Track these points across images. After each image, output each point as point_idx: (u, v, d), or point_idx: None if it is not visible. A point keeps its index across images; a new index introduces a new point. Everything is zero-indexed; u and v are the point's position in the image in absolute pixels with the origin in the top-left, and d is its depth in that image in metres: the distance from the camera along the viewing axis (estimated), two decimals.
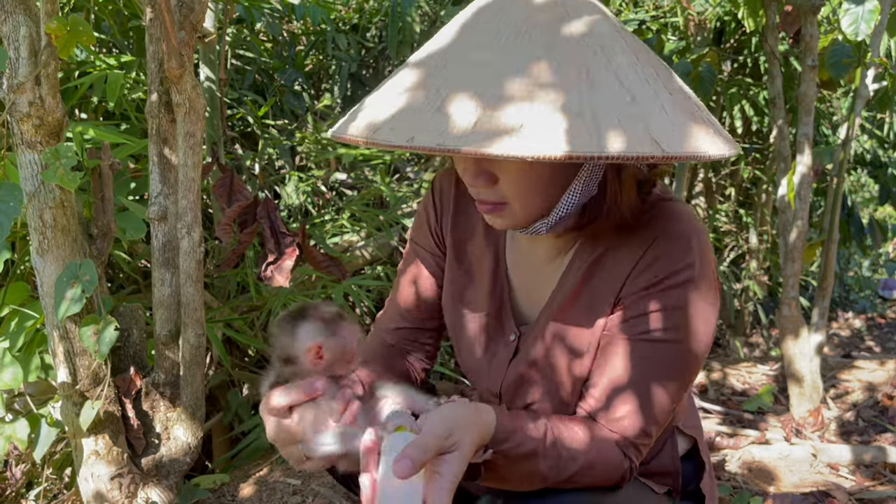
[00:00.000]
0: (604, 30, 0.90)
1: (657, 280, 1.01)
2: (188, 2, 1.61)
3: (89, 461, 1.68)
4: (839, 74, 2.65)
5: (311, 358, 0.93)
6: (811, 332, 2.73)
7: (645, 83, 0.87)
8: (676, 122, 0.85)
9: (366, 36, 3.91)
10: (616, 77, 0.86)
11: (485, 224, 1.19)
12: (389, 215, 3.13)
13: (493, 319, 1.18)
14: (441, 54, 0.92)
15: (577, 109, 0.81)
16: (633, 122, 0.82)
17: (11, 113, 1.46)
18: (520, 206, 1.00)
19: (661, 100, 0.87)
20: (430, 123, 0.82)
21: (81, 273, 1.52)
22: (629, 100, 0.84)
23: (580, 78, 0.84)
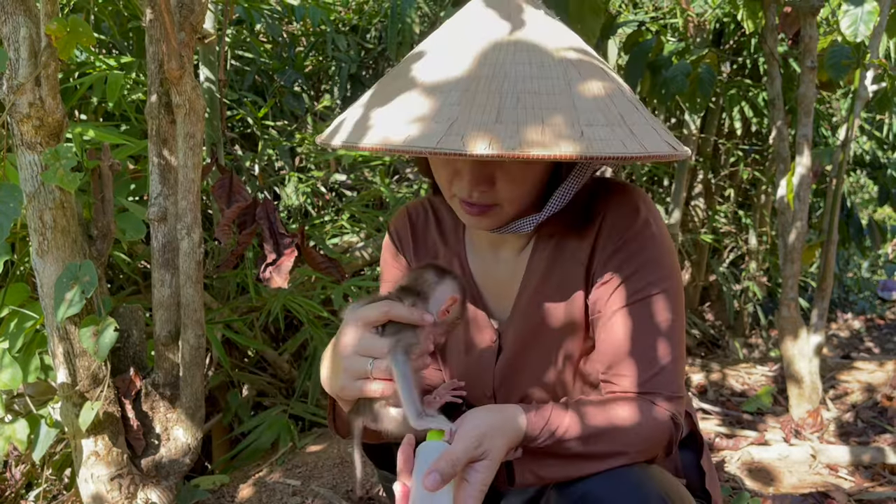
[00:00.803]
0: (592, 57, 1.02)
1: (622, 242, 1.07)
2: (188, 3, 1.61)
3: (89, 462, 1.68)
4: (838, 76, 2.65)
5: (444, 306, 0.98)
6: (810, 333, 2.74)
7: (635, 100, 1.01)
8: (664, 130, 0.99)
9: (365, 37, 3.91)
10: (622, 92, 0.98)
11: (444, 242, 1.24)
12: (389, 216, 3.13)
13: (473, 327, 1.21)
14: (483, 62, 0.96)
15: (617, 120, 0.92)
16: (656, 128, 0.96)
17: (11, 114, 1.46)
18: (510, 207, 1.05)
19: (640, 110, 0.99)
20: (497, 133, 0.87)
21: (81, 274, 1.52)
22: (641, 110, 0.97)
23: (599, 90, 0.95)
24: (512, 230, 1.10)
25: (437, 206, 1.28)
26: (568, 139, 0.86)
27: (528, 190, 1.05)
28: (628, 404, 1.02)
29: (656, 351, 1.04)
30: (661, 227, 1.09)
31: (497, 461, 0.90)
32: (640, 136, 0.92)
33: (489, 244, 1.19)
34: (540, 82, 0.92)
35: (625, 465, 0.98)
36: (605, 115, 0.92)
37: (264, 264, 1.90)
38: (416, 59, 1.01)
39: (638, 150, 0.89)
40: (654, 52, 3.06)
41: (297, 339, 2.71)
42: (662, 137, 0.96)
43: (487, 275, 1.21)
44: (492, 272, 1.20)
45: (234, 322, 2.47)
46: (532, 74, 0.93)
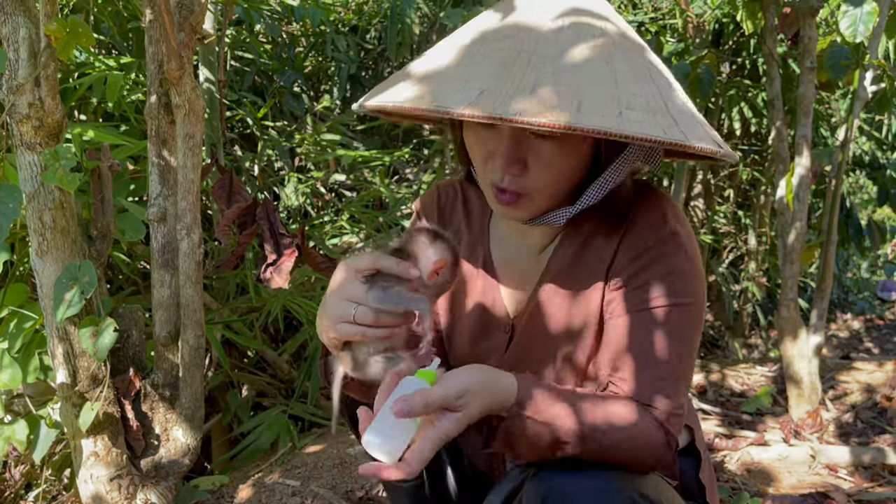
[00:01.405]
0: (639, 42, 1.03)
1: (644, 248, 1.05)
2: (188, 3, 1.61)
3: (88, 462, 1.68)
4: (838, 76, 2.65)
5: (432, 268, 0.98)
6: (810, 334, 2.74)
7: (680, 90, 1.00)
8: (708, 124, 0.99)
9: (365, 38, 3.92)
10: (670, 83, 0.98)
11: (468, 227, 1.23)
12: (388, 217, 3.13)
13: (488, 315, 1.20)
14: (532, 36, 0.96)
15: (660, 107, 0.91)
16: (703, 123, 0.96)
17: (11, 114, 1.46)
18: (542, 198, 1.04)
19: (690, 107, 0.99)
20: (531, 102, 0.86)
21: (81, 274, 1.52)
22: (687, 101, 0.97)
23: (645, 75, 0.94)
24: (544, 222, 1.09)
25: (467, 189, 1.26)
26: (603, 117, 0.86)
27: (561, 180, 1.03)
28: (626, 405, 1.00)
29: (661, 362, 1.02)
30: (690, 240, 1.07)
31: (470, 417, 0.89)
32: (684, 126, 0.90)
33: (515, 235, 1.18)
34: (584, 63, 0.91)
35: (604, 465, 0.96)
36: (647, 100, 0.90)
37: (265, 265, 1.90)
38: (464, 31, 1.02)
39: (679, 138, 0.87)
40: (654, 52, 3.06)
41: (296, 340, 2.71)
42: (709, 133, 0.94)
43: (508, 265, 1.20)
44: (513, 263, 1.19)
45: (234, 322, 2.47)
46: (574, 53, 0.92)
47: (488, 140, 1.03)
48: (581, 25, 0.96)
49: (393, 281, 0.96)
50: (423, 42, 3.56)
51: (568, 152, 1.01)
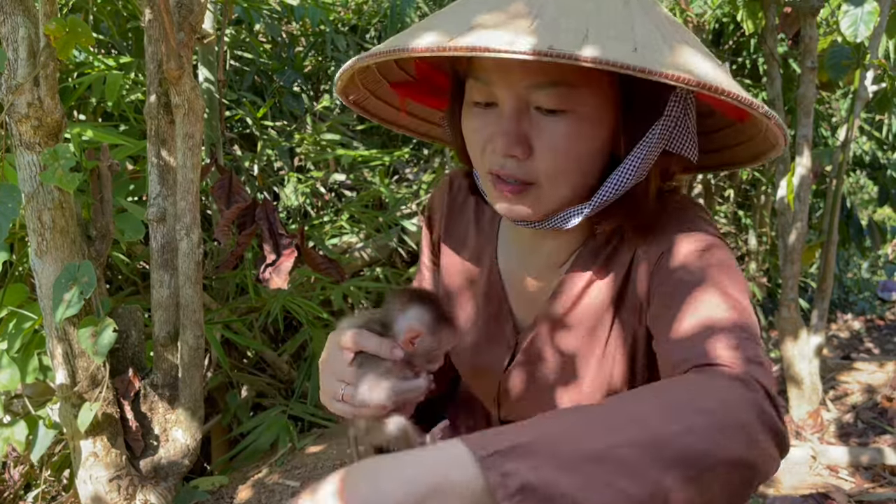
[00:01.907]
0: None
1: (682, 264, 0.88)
2: (187, 3, 1.61)
3: (88, 463, 1.67)
4: (838, 76, 2.65)
5: (406, 339, 0.94)
6: (810, 334, 2.73)
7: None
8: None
9: (365, 37, 3.91)
10: (665, 17, 0.86)
11: (477, 227, 1.13)
12: (388, 217, 3.13)
13: (491, 325, 1.11)
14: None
15: (683, 47, 0.79)
16: (719, 69, 0.82)
17: (10, 114, 1.46)
18: (550, 188, 0.89)
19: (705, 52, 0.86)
20: (532, 35, 0.74)
21: (80, 274, 1.52)
22: (685, 40, 0.83)
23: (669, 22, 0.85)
24: (553, 224, 0.93)
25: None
26: (617, 52, 0.72)
27: (571, 168, 0.88)
28: (683, 378, 0.73)
29: (708, 320, 0.81)
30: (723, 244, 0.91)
31: None
32: (710, 72, 0.76)
33: (526, 245, 1.05)
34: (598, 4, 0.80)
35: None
36: (665, 38, 0.78)
37: (264, 265, 1.89)
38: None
39: (714, 79, 0.73)
40: None
41: (296, 340, 2.70)
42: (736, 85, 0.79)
43: (516, 278, 1.08)
44: (522, 277, 1.07)
45: (234, 323, 2.46)
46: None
47: (487, 122, 0.89)
48: None
49: (380, 362, 0.92)
50: None
51: (580, 134, 0.86)
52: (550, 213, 0.92)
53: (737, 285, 0.85)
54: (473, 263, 1.13)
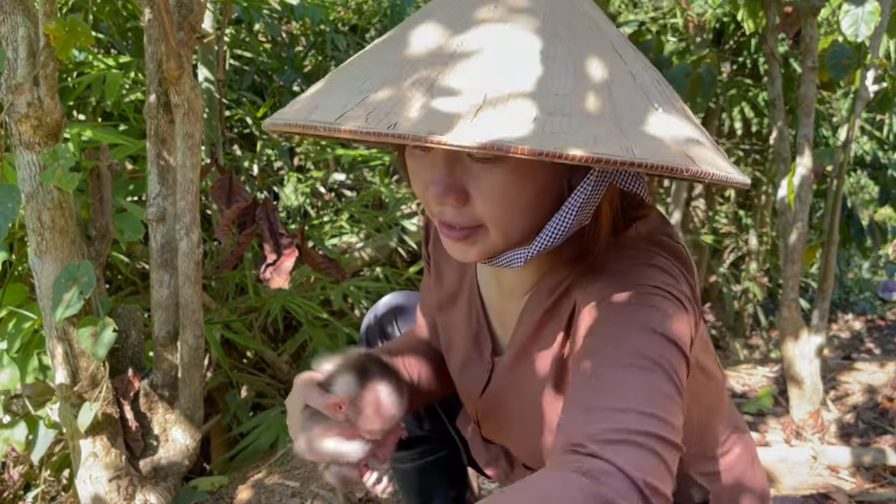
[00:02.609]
0: (608, 25, 0.80)
1: (606, 303, 0.82)
2: (187, 2, 1.61)
3: (87, 463, 1.67)
4: (839, 76, 2.65)
5: (331, 406, 0.94)
6: (811, 334, 2.73)
7: (659, 92, 0.76)
8: (696, 139, 0.73)
9: (365, 37, 3.91)
10: (633, 79, 0.74)
11: None
12: (388, 216, 3.13)
13: (472, 346, 1.10)
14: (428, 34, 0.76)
15: (597, 108, 0.69)
16: (660, 130, 0.71)
17: (10, 114, 1.45)
18: (496, 232, 0.83)
19: (678, 111, 0.76)
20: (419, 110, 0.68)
21: (79, 274, 1.52)
22: (655, 107, 0.72)
23: (591, 72, 0.72)
24: (502, 263, 0.87)
25: None
26: (506, 126, 0.64)
27: (515, 213, 0.82)
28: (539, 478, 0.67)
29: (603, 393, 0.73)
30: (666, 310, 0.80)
31: None
32: (634, 138, 0.67)
33: (491, 274, 1.03)
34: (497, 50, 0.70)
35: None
36: (580, 103, 0.68)
37: (264, 265, 1.89)
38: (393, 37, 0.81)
39: (608, 153, 0.64)
40: (655, 52, 3.06)
41: (296, 340, 2.70)
42: (674, 141, 0.70)
43: (492, 301, 1.06)
44: (496, 301, 1.06)
45: (233, 322, 2.46)
46: (497, 46, 0.71)
47: (423, 167, 0.83)
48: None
49: (325, 417, 0.95)
50: None
51: (516, 180, 0.79)
52: (500, 253, 0.87)
53: (654, 346, 0.76)
54: (458, 283, 1.12)
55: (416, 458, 1.17)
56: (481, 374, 1.06)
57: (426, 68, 0.70)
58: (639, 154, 0.65)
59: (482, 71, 0.70)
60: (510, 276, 0.97)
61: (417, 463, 1.24)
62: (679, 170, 0.67)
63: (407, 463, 1.25)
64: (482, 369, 1.06)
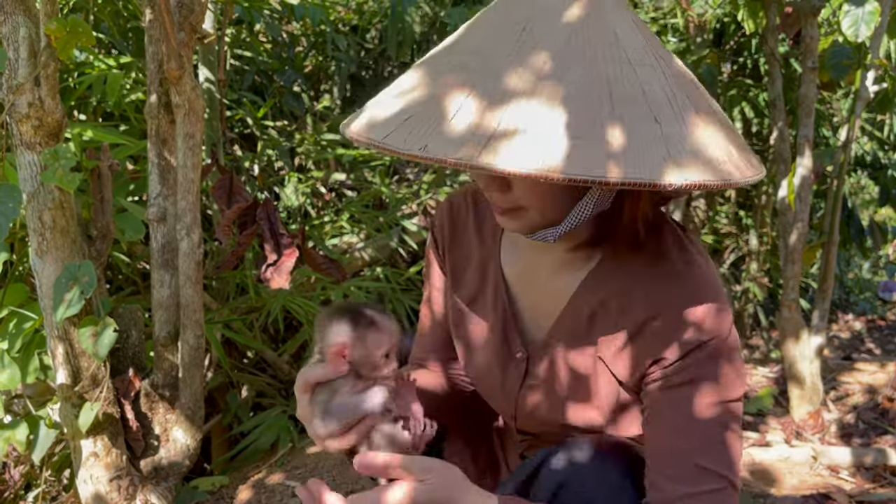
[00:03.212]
0: (631, 35, 0.86)
1: (689, 347, 0.97)
2: (188, 3, 1.61)
3: (88, 463, 1.67)
4: (839, 76, 2.65)
5: (334, 355, 0.94)
6: (811, 335, 2.73)
7: (669, 103, 0.83)
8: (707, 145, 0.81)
9: (365, 37, 3.91)
10: (643, 92, 0.82)
11: (480, 242, 1.16)
12: (389, 217, 3.13)
13: (499, 340, 1.13)
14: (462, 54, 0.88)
15: (602, 130, 0.78)
16: (655, 146, 0.78)
17: (11, 114, 1.45)
18: (537, 213, 0.96)
19: (686, 118, 0.83)
20: (442, 132, 0.79)
21: (80, 274, 1.52)
22: (653, 120, 0.80)
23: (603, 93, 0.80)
24: (538, 238, 1.00)
25: (480, 201, 1.18)
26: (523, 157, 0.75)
27: (551, 199, 0.94)
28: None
29: (708, 465, 0.94)
30: (733, 331, 0.99)
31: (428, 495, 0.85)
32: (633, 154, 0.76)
33: (532, 255, 1.10)
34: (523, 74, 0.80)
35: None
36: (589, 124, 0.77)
37: (265, 265, 1.89)
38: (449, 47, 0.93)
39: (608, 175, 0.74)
40: None
41: (296, 340, 2.70)
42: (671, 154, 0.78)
43: (525, 288, 1.12)
44: (530, 279, 1.11)
45: (234, 322, 2.46)
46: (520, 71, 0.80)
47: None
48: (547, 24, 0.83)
49: (333, 390, 0.94)
50: (424, 41, 3.55)
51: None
52: (537, 228, 0.99)
53: (736, 414, 0.97)
54: (480, 277, 1.16)
55: None
56: (515, 370, 1.12)
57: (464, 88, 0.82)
58: (630, 174, 0.75)
59: (503, 94, 0.79)
60: (554, 256, 1.07)
61: None
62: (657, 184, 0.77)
63: None
64: (514, 364, 1.12)
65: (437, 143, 0.78)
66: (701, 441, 0.95)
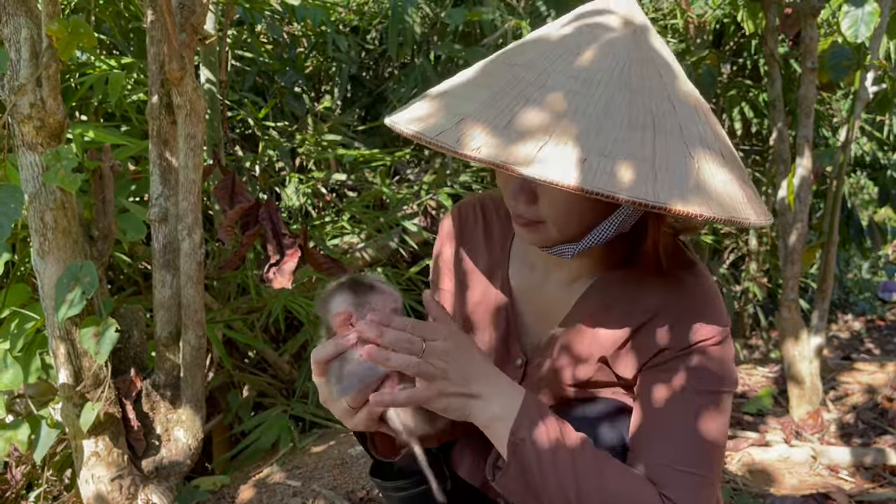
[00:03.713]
0: (672, 79, 0.93)
1: (690, 350, 1.01)
2: (189, 4, 1.62)
3: (89, 463, 1.68)
4: (839, 77, 2.65)
5: (341, 324, 0.95)
6: (811, 335, 2.74)
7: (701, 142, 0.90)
8: (727, 186, 0.88)
9: (366, 38, 3.91)
10: (680, 129, 0.88)
11: (488, 249, 1.19)
12: (389, 217, 3.13)
13: (500, 345, 1.17)
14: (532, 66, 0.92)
15: (641, 154, 0.84)
16: (688, 177, 0.85)
17: (12, 114, 1.46)
18: (556, 228, 0.99)
19: (714, 159, 0.89)
20: (497, 138, 0.84)
21: (82, 275, 1.52)
22: (688, 154, 0.87)
23: (647, 122, 0.87)
24: (555, 253, 1.04)
25: (488, 209, 1.22)
26: (566, 168, 0.80)
27: (574, 216, 0.97)
28: (638, 479, 0.96)
29: (690, 450, 0.98)
30: (729, 339, 1.04)
31: (442, 388, 0.91)
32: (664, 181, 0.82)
33: (542, 262, 1.14)
34: (581, 99, 0.86)
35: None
36: (629, 147, 0.83)
37: (267, 265, 1.90)
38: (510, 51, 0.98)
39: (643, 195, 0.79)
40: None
41: (297, 340, 2.71)
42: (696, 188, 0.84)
43: (530, 293, 1.15)
44: (537, 291, 1.14)
45: (235, 322, 2.47)
46: (573, 89, 0.87)
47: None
48: (603, 46, 0.90)
49: (345, 360, 0.94)
50: (425, 42, 3.56)
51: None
52: (555, 244, 1.02)
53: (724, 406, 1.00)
54: (485, 285, 1.19)
55: (409, 486, 1.18)
56: (513, 373, 1.14)
57: (512, 101, 0.87)
58: (663, 198, 0.81)
59: (554, 112, 0.85)
60: (565, 267, 1.11)
61: (412, 491, 1.25)
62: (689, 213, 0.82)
63: (401, 492, 1.26)
64: (512, 367, 1.15)
65: (490, 147, 0.83)
66: (682, 437, 0.98)
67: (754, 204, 0.91)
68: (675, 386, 1.01)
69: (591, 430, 1.03)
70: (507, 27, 3.04)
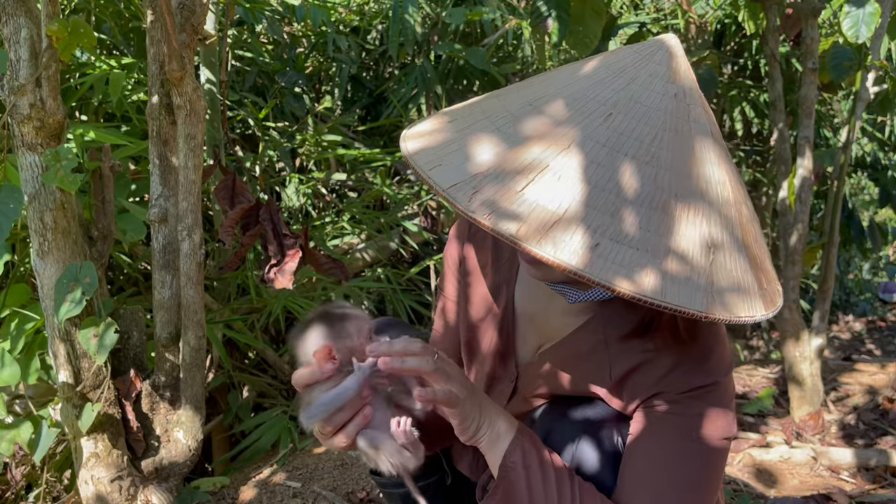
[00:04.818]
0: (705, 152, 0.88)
1: (683, 396, 1.00)
2: (189, 4, 1.61)
3: (89, 463, 1.68)
4: (840, 77, 2.65)
5: (323, 360, 0.95)
6: (811, 335, 2.73)
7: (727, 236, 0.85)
8: (741, 287, 0.84)
9: (366, 38, 3.91)
10: (707, 224, 0.84)
11: (496, 265, 1.19)
12: (390, 217, 3.13)
13: (498, 360, 1.19)
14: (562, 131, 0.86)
15: (654, 247, 0.80)
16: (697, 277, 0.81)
17: (12, 115, 1.46)
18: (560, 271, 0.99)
19: (735, 257, 0.85)
20: (505, 202, 0.81)
21: (82, 275, 1.52)
22: (706, 252, 0.83)
23: (668, 203, 0.82)
24: (558, 291, 1.04)
25: None
26: (569, 248, 0.78)
27: None
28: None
29: (670, 501, 0.98)
30: (731, 382, 1.02)
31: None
32: (672, 280, 0.78)
33: (547, 294, 1.13)
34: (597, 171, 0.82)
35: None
36: (628, 229, 0.80)
37: (268, 265, 1.90)
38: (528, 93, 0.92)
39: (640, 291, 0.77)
40: None
41: None
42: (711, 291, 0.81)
43: (532, 313, 1.16)
44: (539, 312, 1.15)
45: (235, 322, 2.47)
46: (597, 160, 0.82)
47: None
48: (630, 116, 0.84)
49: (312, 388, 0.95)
50: (425, 42, 3.56)
51: None
52: (561, 282, 1.01)
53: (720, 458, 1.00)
54: (491, 298, 1.20)
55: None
56: (506, 386, 1.19)
57: (528, 172, 0.82)
58: (668, 298, 0.78)
59: (572, 185, 0.81)
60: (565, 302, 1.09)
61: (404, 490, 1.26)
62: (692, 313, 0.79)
63: (400, 488, 1.27)
64: (507, 381, 1.18)
65: (499, 215, 0.79)
66: (676, 476, 0.98)
67: (771, 286, 0.88)
68: (668, 432, 0.99)
69: (591, 433, 1.03)
70: (507, 27, 3.04)
